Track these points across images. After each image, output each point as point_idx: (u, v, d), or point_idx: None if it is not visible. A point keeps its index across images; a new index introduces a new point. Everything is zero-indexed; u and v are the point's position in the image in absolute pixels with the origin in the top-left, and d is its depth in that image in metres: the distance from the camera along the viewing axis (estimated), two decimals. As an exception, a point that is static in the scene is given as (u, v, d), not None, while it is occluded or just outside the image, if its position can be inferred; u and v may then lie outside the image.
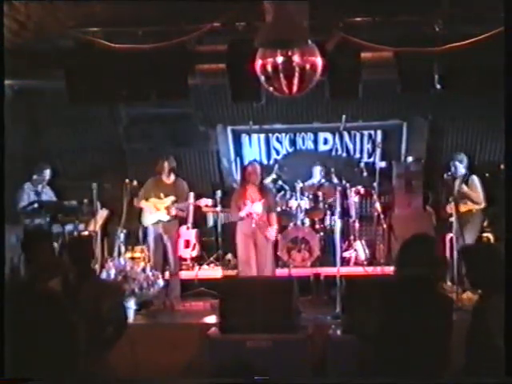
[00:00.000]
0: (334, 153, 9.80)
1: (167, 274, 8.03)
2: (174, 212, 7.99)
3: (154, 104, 8.37)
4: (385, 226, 8.90)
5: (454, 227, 7.60)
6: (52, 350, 3.51)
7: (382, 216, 8.87)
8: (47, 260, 4.11)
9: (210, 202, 8.47)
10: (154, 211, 7.97)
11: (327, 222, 8.64)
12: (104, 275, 7.72)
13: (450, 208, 8.22)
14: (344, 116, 9.13)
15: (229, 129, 9.76)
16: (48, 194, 8.70)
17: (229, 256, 9.02)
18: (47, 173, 8.66)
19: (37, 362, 3.48)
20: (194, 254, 9.04)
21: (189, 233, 8.94)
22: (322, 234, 8.63)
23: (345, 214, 8.67)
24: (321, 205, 8.76)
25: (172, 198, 7.98)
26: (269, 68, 5.87)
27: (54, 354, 3.51)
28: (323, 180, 9.10)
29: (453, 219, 7.79)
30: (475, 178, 8.15)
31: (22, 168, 8.76)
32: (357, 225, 8.94)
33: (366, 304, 3.76)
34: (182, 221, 8.66)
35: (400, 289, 3.69)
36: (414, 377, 3.48)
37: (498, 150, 9.00)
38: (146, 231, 8.26)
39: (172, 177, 8.17)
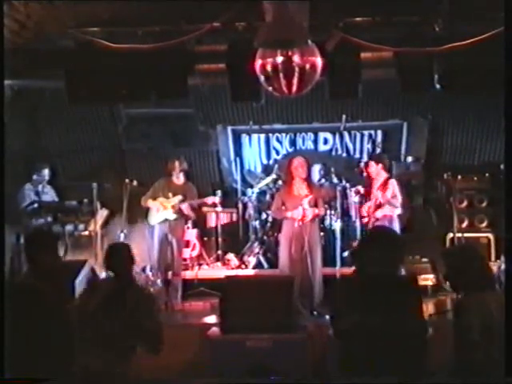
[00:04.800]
0: (334, 153, 9.79)
1: (170, 273, 8.03)
2: (184, 209, 7.97)
3: (154, 104, 8.36)
4: (385, 225, 8.88)
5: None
6: (52, 350, 3.51)
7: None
8: (50, 260, 4.11)
9: (217, 199, 8.45)
10: (162, 209, 7.95)
11: (327, 222, 8.63)
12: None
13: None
14: (344, 116, 9.13)
15: (229, 129, 9.76)
16: (49, 194, 8.71)
17: (229, 256, 9.03)
18: (46, 172, 8.67)
19: (37, 362, 3.49)
20: (195, 253, 9.05)
21: (189, 233, 8.94)
22: (322, 233, 8.62)
23: (345, 214, 8.67)
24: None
25: (180, 197, 7.96)
26: (268, 68, 5.86)
27: (54, 354, 3.51)
28: (323, 180, 9.08)
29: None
30: (393, 182, 8.02)
31: (22, 168, 8.77)
32: (357, 225, 8.94)
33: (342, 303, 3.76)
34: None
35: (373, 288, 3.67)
36: (413, 376, 3.48)
37: (498, 150, 9.00)
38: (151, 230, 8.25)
39: (182, 178, 8.14)
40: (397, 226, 7.70)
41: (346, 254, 8.56)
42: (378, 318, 3.53)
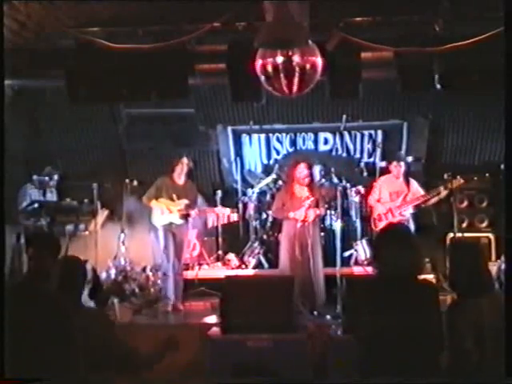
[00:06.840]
0: (334, 153, 9.78)
1: (171, 274, 8.01)
2: (193, 214, 7.90)
3: (154, 104, 8.36)
4: (385, 225, 8.87)
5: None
6: (52, 350, 3.51)
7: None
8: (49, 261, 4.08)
9: (228, 210, 8.39)
10: (167, 212, 7.84)
11: (327, 222, 8.63)
12: (104, 276, 7.73)
13: None
14: (344, 116, 9.13)
15: (229, 129, 9.76)
16: (54, 195, 8.74)
17: (229, 256, 9.02)
18: (55, 178, 8.71)
19: (37, 362, 3.48)
20: (195, 253, 9.04)
21: (189, 233, 8.92)
22: (322, 233, 8.62)
23: (345, 213, 8.66)
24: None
25: (185, 201, 7.84)
26: (269, 68, 5.88)
27: (54, 354, 3.51)
28: (323, 180, 9.08)
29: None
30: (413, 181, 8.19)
31: (22, 168, 8.79)
32: (357, 225, 8.94)
33: (361, 304, 3.73)
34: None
35: (386, 287, 3.63)
36: (413, 376, 3.47)
37: (498, 150, 9.00)
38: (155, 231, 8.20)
39: (183, 178, 8.03)
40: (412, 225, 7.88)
41: (346, 253, 8.58)
42: (403, 319, 3.50)
